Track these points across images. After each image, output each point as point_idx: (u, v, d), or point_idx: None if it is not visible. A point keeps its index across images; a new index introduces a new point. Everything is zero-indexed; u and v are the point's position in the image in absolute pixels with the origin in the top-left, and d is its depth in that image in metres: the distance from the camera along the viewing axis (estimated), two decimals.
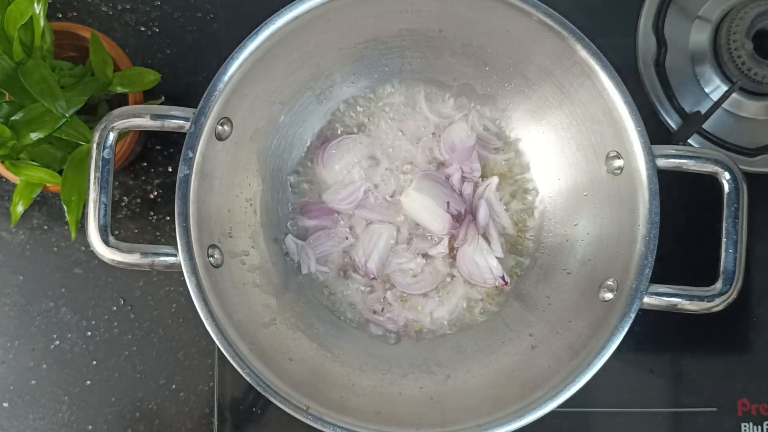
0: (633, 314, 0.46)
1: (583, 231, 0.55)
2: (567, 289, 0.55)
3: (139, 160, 0.64)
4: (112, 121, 0.48)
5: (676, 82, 0.64)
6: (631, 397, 0.62)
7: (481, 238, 0.57)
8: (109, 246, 0.47)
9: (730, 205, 0.47)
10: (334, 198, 0.59)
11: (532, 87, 0.56)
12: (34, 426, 0.62)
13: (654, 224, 0.47)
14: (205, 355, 0.62)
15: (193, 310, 0.46)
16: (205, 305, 0.46)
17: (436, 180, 0.59)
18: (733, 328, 0.63)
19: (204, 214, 0.49)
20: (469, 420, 0.47)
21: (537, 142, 0.59)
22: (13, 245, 0.63)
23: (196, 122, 0.47)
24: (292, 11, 0.48)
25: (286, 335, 0.54)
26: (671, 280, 0.48)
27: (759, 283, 0.63)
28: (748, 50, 0.60)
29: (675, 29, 0.64)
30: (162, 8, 0.65)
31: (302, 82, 0.56)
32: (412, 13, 0.53)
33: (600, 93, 0.49)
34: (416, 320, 0.59)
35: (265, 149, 0.57)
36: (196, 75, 0.62)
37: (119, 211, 0.63)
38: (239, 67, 0.48)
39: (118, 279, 0.63)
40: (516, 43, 0.53)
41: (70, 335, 0.62)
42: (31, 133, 0.49)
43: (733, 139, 0.63)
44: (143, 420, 0.62)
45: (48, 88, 0.47)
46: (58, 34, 0.55)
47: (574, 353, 0.48)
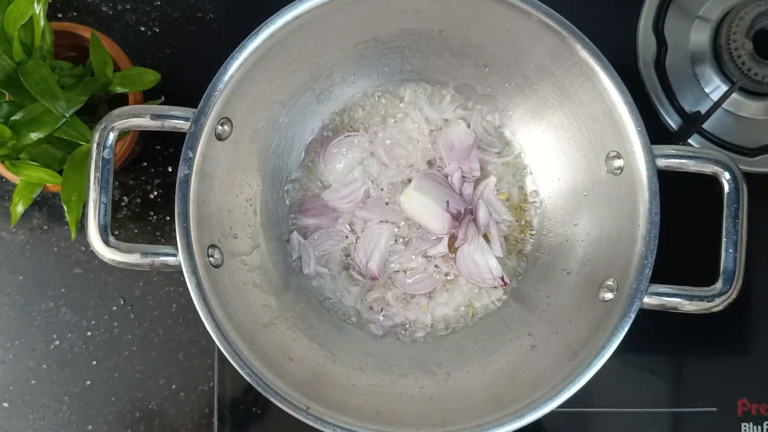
0: (633, 314, 0.46)
1: (583, 231, 0.55)
2: (567, 289, 0.55)
3: (139, 160, 0.64)
4: (112, 121, 0.48)
5: (676, 82, 0.64)
6: (631, 397, 0.62)
7: (481, 238, 0.58)
8: (109, 246, 0.47)
9: (730, 205, 0.47)
10: (334, 196, 0.59)
11: (532, 87, 0.56)
12: (34, 426, 0.62)
13: (654, 224, 0.47)
14: (205, 355, 0.62)
15: (193, 310, 0.46)
16: (205, 305, 0.46)
17: (435, 179, 0.59)
18: (733, 328, 0.63)
19: (204, 214, 0.49)
20: (469, 420, 0.47)
21: (537, 142, 0.59)
22: (13, 245, 0.63)
23: (196, 122, 0.47)
24: (292, 11, 0.48)
25: (286, 335, 0.54)
26: (671, 280, 0.48)
27: (759, 283, 0.63)
28: (748, 50, 0.60)
29: (675, 29, 0.64)
30: (162, 8, 0.65)
31: (302, 82, 0.56)
32: (412, 13, 0.53)
33: (600, 93, 0.49)
34: (416, 320, 0.59)
35: (265, 149, 0.57)
36: (196, 75, 0.62)
37: (119, 211, 0.63)
38: (239, 67, 0.48)
39: (118, 279, 0.63)
40: (516, 43, 0.53)
41: (70, 335, 0.62)
42: (31, 133, 0.49)
43: (733, 139, 0.63)
44: (143, 420, 0.62)
45: (48, 88, 0.47)
46: (58, 34, 0.55)
47: (574, 353, 0.48)
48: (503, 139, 0.61)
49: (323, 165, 0.60)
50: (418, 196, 0.58)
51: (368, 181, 0.60)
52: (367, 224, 0.59)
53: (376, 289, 0.59)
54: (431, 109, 0.61)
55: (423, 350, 0.58)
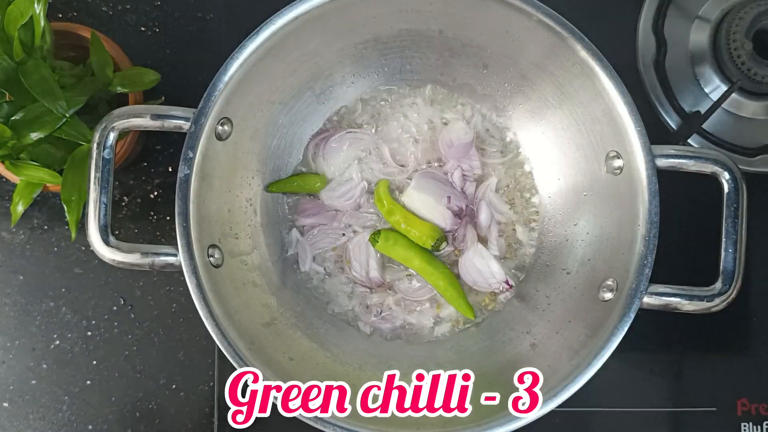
0: (633, 314, 0.46)
1: (583, 231, 0.55)
2: (567, 289, 0.55)
3: (139, 160, 0.64)
4: (112, 121, 0.48)
5: (675, 82, 0.64)
6: (631, 397, 0.62)
7: (479, 244, 0.57)
8: (110, 246, 0.47)
9: (730, 205, 0.47)
10: (331, 195, 0.59)
11: (532, 87, 0.56)
12: (34, 426, 0.62)
13: (654, 224, 0.47)
14: (205, 355, 0.62)
15: (193, 310, 0.46)
16: (205, 305, 0.46)
17: (435, 177, 0.59)
18: (733, 328, 0.63)
19: (204, 214, 0.49)
20: (469, 420, 0.47)
21: (537, 142, 0.59)
22: (13, 245, 0.63)
23: (196, 122, 0.47)
24: (292, 11, 0.48)
25: (286, 335, 0.54)
26: (671, 280, 0.48)
27: (759, 283, 0.63)
28: (748, 50, 0.60)
29: (675, 29, 0.64)
30: (162, 8, 0.65)
31: (302, 82, 0.56)
32: (412, 13, 0.53)
33: (600, 93, 0.49)
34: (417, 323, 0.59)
35: (265, 149, 0.57)
36: (196, 75, 0.62)
37: (119, 211, 0.63)
38: (239, 67, 0.48)
39: (118, 279, 0.63)
40: (516, 43, 0.53)
41: (70, 335, 0.62)
42: (31, 133, 0.49)
43: (733, 139, 0.63)
44: (143, 420, 0.62)
45: (48, 88, 0.48)
46: (58, 34, 0.55)
47: (574, 353, 0.48)
48: (503, 139, 0.61)
49: (322, 158, 0.60)
50: (417, 195, 0.58)
51: (364, 181, 0.60)
52: (353, 235, 0.59)
53: (376, 292, 0.59)
54: (431, 109, 0.61)
55: (423, 350, 0.58)
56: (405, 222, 0.58)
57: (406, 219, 0.58)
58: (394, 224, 0.58)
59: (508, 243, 0.60)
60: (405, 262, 0.58)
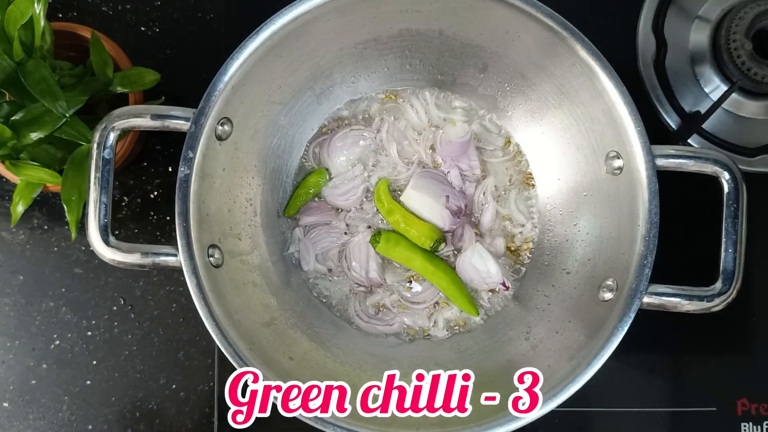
0: (633, 314, 0.46)
1: (583, 231, 0.55)
2: (567, 289, 0.55)
3: (139, 160, 0.64)
4: (112, 121, 0.48)
5: (675, 82, 0.64)
6: (631, 397, 0.62)
7: (479, 244, 0.57)
8: (110, 246, 0.47)
9: (730, 205, 0.47)
10: (333, 192, 0.60)
11: (532, 87, 0.56)
12: (34, 426, 0.62)
13: (654, 224, 0.47)
14: (205, 355, 0.62)
15: (193, 310, 0.46)
16: (205, 305, 0.46)
17: (433, 177, 0.59)
18: (733, 328, 0.63)
19: (204, 214, 0.49)
20: (469, 420, 0.47)
21: (537, 142, 0.59)
22: (13, 245, 0.63)
23: (196, 122, 0.47)
24: (292, 11, 0.48)
25: (286, 335, 0.54)
26: (671, 280, 0.48)
27: (759, 283, 0.63)
28: (748, 50, 0.60)
29: (675, 29, 0.64)
30: (162, 8, 0.65)
31: (302, 82, 0.56)
32: (412, 13, 0.53)
33: (600, 93, 0.49)
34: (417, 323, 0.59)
35: (265, 149, 0.57)
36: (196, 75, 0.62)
37: (119, 211, 0.63)
38: (239, 67, 0.48)
39: (118, 279, 0.63)
40: (516, 43, 0.53)
41: (70, 335, 0.62)
42: (31, 133, 0.49)
43: (733, 139, 0.63)
44: (143, 420, 0.62)
45: (48, 88, 0.48)
46: (58, 34, 0.55)
47: (574, 353, 0.48)
48: (503, 140, 0.61)
49: (326, 155, 0.60)
50: (416, 195, 0.58)
51: (367, 180, 0.60)
52: (351, 237, 0.59)
53: (375, 293, 0.59)
54: (431, 109, 0.61)
55: (423, 350, 0.58)
56: (404, 222, 0.58)
57: (405, 219, 0.58)
58: (393, 224, 0.58)
59: (507, 243, 0.60)
60: (406, 262, 0.58)
